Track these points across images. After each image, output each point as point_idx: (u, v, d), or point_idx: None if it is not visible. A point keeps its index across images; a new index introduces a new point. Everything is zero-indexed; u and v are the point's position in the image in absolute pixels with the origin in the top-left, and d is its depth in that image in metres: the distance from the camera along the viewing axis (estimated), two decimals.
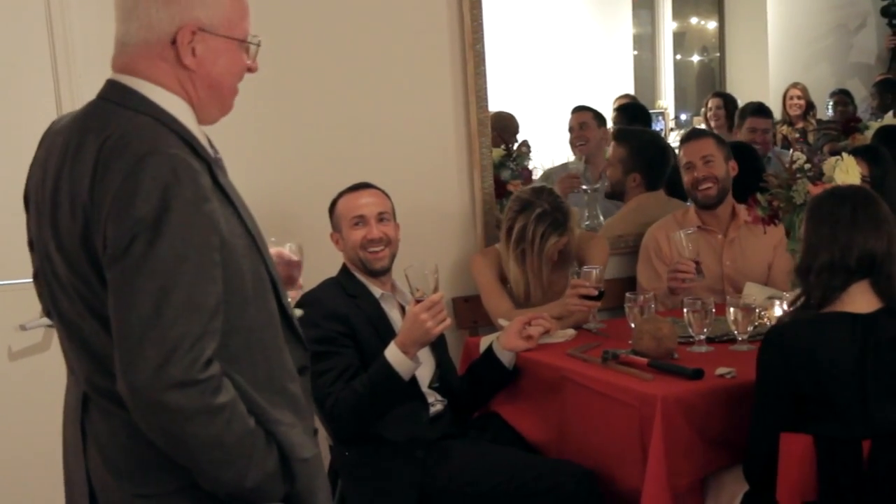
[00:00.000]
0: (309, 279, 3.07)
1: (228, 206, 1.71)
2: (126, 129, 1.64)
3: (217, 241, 1.63)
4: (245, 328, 1.70)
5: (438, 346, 3.19)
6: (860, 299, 2.48)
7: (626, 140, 4.48)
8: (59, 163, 1.69)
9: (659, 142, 4.82)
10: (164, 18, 1.70)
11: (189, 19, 1.71)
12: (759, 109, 5.75)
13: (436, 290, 2.88)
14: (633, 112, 5.85)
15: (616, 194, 4.43)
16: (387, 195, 3.21)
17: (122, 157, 1.59)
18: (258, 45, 1.82)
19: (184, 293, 1.57)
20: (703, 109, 6.51)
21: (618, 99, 6.44)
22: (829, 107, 6.61)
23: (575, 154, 4.88)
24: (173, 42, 1.71)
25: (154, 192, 1.56)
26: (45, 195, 1.72)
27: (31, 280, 1.92)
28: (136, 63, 1.72)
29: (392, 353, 2.88)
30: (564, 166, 4.72)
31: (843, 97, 6.65)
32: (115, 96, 1.72)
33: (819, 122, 6.45)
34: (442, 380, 3.19)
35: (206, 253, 1.60)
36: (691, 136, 4.06)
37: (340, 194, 3.21)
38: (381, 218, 3.14)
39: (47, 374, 2.90)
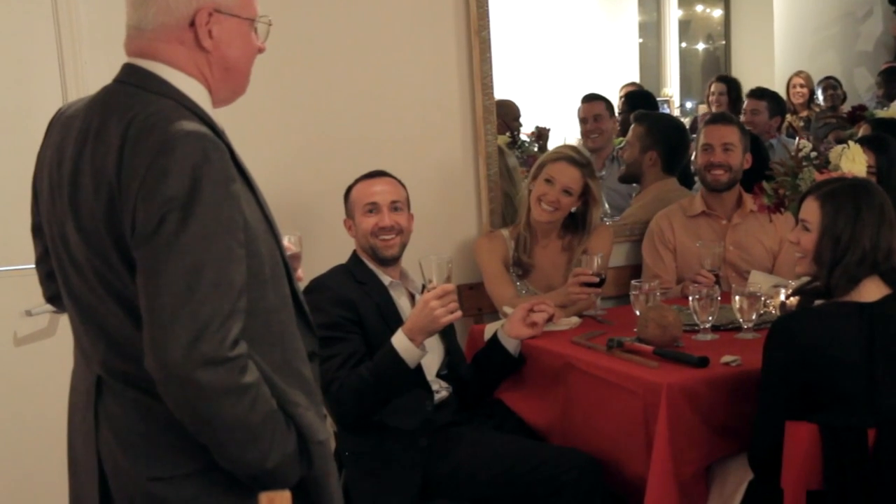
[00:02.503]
0: (317, 267, 3.09)
1: (248, 189, 1.72)
2: (151, 111, 1.65)
3: (241, 222, 1.64)
4: (264, 311, 1.71)
5: (447, 334, 3.18)
6: (869, 289, 2.48)
7: (644, 119, 4.51)
8: (79, 144, 1.69)
9: (677, 123, 4.84)
10: (182, 1, 1.71)
11: (206, 1, 1.73)
12: (753, 91, 5.78)
13: (449, 280, 2.88)
14: (640, 99, 5.85)
15: (631, 176, 4.42)
16: (402, 185, 3.20)
17: (151, 137, 1.60)
18: (269, 24, 1.83)
19: (214, 271, 1.58)
20: (706, 93, 6.50)
21: (624, 87, 6.44)
22: (819, 94, 6.65)
23: (586, 144, 4.87)
24: (191, 24, 1.72)
25: (185, 171, 1.57)
26: (62, 177, 1.72)
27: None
28: (155, 47, 1.73)
29: (399, 340, 2.88)
30: None
31: (830, 82, 6.69)
32: (134, 79, 1.73)
33: (819, 111, 6.48)
34: (450, 367, 3.18)
35: (233, 232, 1.62)
36: (717, 119, 4.01)
37: (356, 181, 3.20)
38: (394, 207, 3.13)
39: (53, 359, 2.92)
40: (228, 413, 1.60)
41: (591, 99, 5.11)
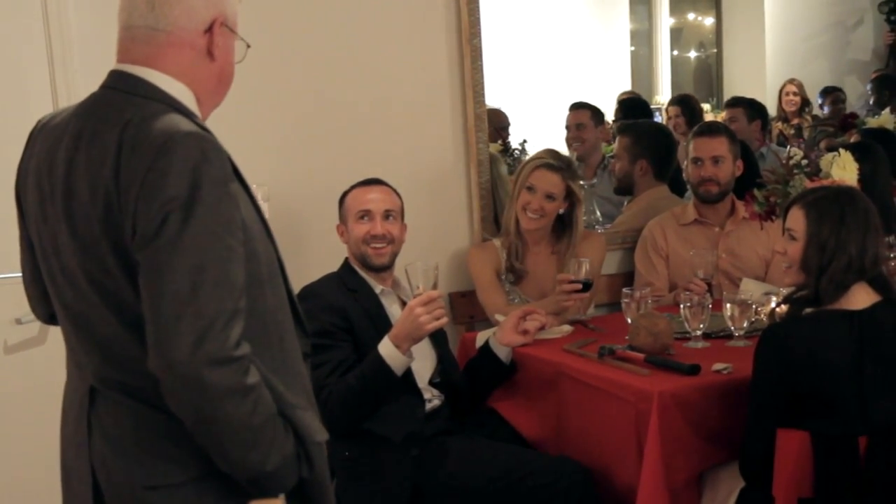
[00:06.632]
0: (308, 274, 3.09)
1: (243, 190, 1.73)
2: (146, 114, 1.65)
3: (240, 221, 1.65)
4: (261, 311, 1.72)
5: (440, 342, 3.18)
6: (858, 296, 2.49)
7: (628, 129, 4.51)
8: (71, 152, 1.69)
9: (661, 128, 4.82)
10: (202, 7, 1.75)
11: (220, 11, 1.77)
12: (727, 102, 5.87)
13: (435, 287, 2.88)
14: (633, 107, 5.86)
15: (624, 188, 4.42)
16: (398, 194, 3.20)
17: (150, 139, 1.61)
18: (248, 46, 1.87)
19: (217, 271, 1.58)
20: (664, 119, 6.46)
21: (623, 94, 6.46)
22: (822, 104, 6.65)
23: (570, 152, 4.87)
24: (206, 31, 1.76)
25: (185, 172, 1.58)
26: (54, 185, 1.71)
27: None
28: (162, 51, 1.74)
29: (385, 347, 2.88)
30: None
31: (836, 94, 6.69)
32: (123, 85, 1.73)
33: (815, 118, 6.48)
34: (443, 375, 3.18)
35: (233, 232, 1.62)
36: (705, 130, 3.97)
37: (351, 188, 3.20)
38: (387, 215, 3.13)
39: (43, 368, 2.91)
40: (232, 414, 1.59)
41: (576, 107, 5.11)
